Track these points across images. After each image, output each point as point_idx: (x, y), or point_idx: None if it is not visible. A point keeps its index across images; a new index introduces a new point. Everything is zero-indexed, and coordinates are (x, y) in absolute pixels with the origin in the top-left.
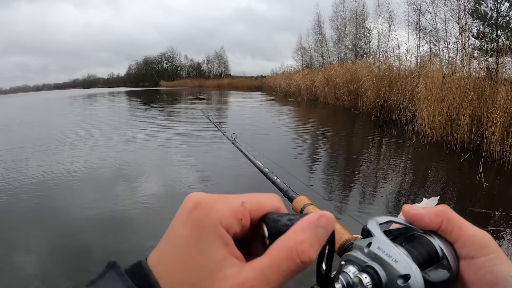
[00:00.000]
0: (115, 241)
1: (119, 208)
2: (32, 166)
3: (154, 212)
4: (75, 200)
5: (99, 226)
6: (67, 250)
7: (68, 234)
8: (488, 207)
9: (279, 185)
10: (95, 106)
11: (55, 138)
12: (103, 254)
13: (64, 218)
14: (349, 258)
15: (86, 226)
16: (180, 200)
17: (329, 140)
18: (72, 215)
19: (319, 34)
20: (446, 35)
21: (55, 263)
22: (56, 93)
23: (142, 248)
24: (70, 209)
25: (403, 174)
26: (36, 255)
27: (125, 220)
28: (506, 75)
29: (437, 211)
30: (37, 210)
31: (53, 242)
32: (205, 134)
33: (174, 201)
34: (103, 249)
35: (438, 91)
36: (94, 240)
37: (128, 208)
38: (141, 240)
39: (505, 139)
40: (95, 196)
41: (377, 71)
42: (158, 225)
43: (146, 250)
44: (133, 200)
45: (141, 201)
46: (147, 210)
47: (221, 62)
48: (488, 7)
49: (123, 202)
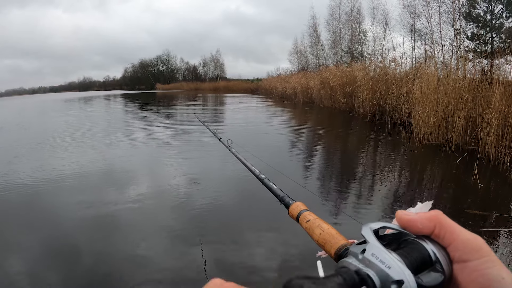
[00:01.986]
0: (105, 243)
1: (109, 212)
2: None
3: (143, 214)
4: (69, 200)
5: (89, 228)
6: (52, 253)
7: (56, 237)
8: (483, 208)
9: (275, 191)
10: (91, 108)
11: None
12: (90, 257)
13: (53, 224)
14: (344, 265)
15: (74, 229)
16: (170, 203)
17: (325, 143)
18: (63, 218)
19: (314, 36)
20: (441, 37)
21: (41, 263)
22: (51, 96)
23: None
24: (61, 212)
25: (399, 176)
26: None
27: (114, 223)
28: (500, 77)
29: (429, 216)
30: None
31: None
32: (200, 139)
33: (165, 204)
34: (91, 252)
35: (433, 93)
36: (82, 242)
37: (116, 211)
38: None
39: (500, 140)
40: (89, 197)
41: (372, 73)
42: (147, 227)
43: (135, 253)
44: (121, 203)
45: (130, 206)
46: (135, 212)
47: (217, 65)
48: (481, 9)
49: (110, 205)
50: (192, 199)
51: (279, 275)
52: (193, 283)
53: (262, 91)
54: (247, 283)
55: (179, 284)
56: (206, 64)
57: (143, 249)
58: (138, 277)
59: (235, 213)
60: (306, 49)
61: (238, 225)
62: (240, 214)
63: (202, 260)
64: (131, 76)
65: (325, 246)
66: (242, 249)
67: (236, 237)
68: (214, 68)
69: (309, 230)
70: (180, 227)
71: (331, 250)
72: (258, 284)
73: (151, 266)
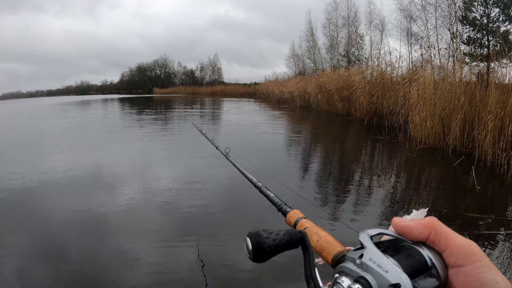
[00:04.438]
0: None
1: (100, 215)
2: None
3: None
4: (62, 201)
5: (80, 228)
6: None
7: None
8: (481, 211)
9: (272, 199)
10: (88, 111)
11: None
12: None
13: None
14: (342, 270)
15: (67, 229)
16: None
17: (322, 147)
18: (53, 219)
19: (311, 41)
20: (438, 41)
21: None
22: (48, 99)
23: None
24: (51, 213)
25: (396, 180)
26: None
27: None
28: (497, 80)
29: (425, 223)
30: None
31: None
32: (196, 146)
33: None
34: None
35: (430, 97)
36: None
37: (104, 214)
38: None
39: (497, 143)
40: (84, 199)
41: (369, 77)
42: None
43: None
44: (110, 205)
45: (118, 209)
46: (139, 221)
47: (214, 69)
48: (478, 13)
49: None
50: (192, 204)
51: (273, 276)
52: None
53: (259, 95)
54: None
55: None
56: (203, 68)
57: (144, 254)
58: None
59: (233, 217)
60: (303, 53)
61: (237, 227)
62: (236, 217)
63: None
64: (129, 80)
65: (322, 253)
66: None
67: (233, 240)
68: (211, 72)
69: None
70: (184, 232)
71: (329, 257)
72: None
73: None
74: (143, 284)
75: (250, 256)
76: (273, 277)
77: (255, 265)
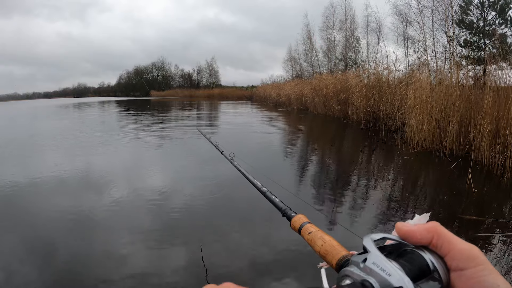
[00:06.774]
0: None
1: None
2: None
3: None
4: (58, 202)
5: (88, 228)
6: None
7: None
8: (478, 214)
9: (277, 204)
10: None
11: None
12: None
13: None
14: (346, 273)
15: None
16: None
17: (320, 150)
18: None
19: (308, 44)
20: (434, 45)
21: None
22: (45, 101)
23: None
24: (46, 214)
25: (394, 184)
26: None
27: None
28: (493, 83)
29: (427, 227)
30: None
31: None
32: (203, 150)
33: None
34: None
35: (427, 100)
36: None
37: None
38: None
39: (493, 145)
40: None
41: (366, 80)
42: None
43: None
44: (102, 207)
45: (108, 209)
46: (113, 216)
47: (212, 72)
48: (475, 16)
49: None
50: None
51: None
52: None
53: (256, 98)
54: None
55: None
56: (200, 71)
57: (144, 256)
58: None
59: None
60: (300, 57)
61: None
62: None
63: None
64: (126, 83)
65: (326, 257)
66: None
67: (238, 243)
68: (208, 75)
69: (311, 242)
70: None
71: (333, 261)
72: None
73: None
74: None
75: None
76: (273, 278)
77: (255, 268)
